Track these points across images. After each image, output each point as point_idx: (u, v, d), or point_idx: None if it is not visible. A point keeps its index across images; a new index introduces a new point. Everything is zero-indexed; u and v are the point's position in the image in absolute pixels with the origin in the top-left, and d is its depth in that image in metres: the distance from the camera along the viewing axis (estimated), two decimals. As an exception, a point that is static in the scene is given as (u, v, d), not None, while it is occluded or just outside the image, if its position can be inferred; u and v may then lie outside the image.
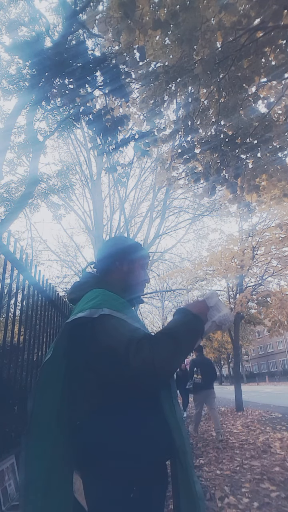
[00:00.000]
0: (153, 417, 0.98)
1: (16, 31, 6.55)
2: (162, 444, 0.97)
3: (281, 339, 38.32)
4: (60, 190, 10.13)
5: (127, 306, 1.06)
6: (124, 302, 1.06)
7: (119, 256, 1.18)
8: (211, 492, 3.01)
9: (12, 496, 2.25)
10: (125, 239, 1.31)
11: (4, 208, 8.53)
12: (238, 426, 6.90)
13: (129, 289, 1.19)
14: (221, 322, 1.10)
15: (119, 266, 1.18)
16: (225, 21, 2.99)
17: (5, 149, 6.03)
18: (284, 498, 2.79)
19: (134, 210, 15.17)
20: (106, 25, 3.12)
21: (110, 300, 1.01)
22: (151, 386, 0.98)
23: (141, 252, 1.23)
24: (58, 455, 0.99)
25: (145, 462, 0.92)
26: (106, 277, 1.18)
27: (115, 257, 1.18)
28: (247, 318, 11.35)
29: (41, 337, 3.61)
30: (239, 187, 3.97)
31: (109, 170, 4.33)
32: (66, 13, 5.06)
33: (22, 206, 6.16)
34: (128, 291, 1.18)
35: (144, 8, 2.94)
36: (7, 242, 2.58)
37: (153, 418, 0.97)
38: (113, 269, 1.18)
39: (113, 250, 1.21)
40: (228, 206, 8.89)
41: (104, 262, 1.20)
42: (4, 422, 2.61)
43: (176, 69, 3.25)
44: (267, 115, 3.66)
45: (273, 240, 8.55)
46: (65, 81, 3.86)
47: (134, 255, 1.20)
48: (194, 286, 11.31)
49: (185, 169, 4.41)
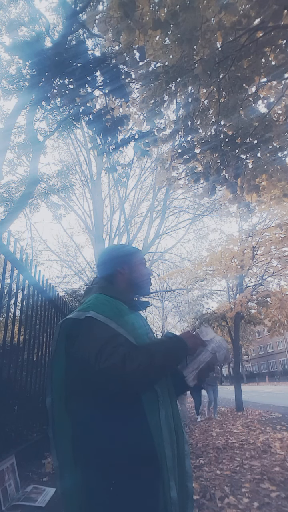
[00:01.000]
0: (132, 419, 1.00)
1: (16, 31, 6.56)
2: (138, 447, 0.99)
3: (281, 339, 38.30)
4: (60, 190, 10.13)
5: (122, 312, 1.11)
6: (118, 308, 1.11)
7: (118, 261, 1.28)
8: (211, 492, 3.01)
9: (12, 496, 2.24)
10: (121, 246, 1.48)
11: (4, 208, 8.53)
12: (238, 426, 6.90)
13: (136, 287, 1.28)
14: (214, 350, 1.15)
15: (121, 270, 1.26)
16: (225, 21, 2.99)
17: (5, 149, 6.04)
18: (284, 498, 2.79)
19: (134, 210, 15.18)
20: (106, 25, 3.12)
21: (99, 304, 1.08)
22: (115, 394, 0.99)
23: (136, 252, 1.35)
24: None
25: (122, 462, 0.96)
26: (112, 282, 1.26)
27: (115, 263, 1.28)
28: (247, 318, 11.33)
29: (41, 337, 3.61)
30: (239, 187, 3.96)
31: (109, 170, 4.33)
32: (66, 13, 5.06)
33: (22, 206, 6.16)
34: (135, 289, 1.28)
35: (144, 8, 2.94)
36: (7, 242, 2.58)
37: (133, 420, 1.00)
38: (116, 274, 1.27)
39: (111, 257, 1.31)
40: (228, 206, 8.90)
41: (106, 269, 1.29)
42: (4, 422, 2.62)
43: (176, 69, 3.25)
44: (267, 115, 3.65)
45: (273, 240, 8.55)
46: (65, 81, 3.86)
47: (131, 257, 1.30)
48: (194, 286, 11.31)
49: (185, 169, 4.41)
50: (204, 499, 2.83)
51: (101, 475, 0.96)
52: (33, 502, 2.21)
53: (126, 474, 0.96)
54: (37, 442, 3.16)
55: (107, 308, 1.08)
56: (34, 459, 3.04)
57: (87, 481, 0.99)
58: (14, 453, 2.49)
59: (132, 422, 1.00)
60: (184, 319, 18.81)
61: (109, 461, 0.96)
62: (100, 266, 1.31)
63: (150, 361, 0.97)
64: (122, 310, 1.12)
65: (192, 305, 17.02)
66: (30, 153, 7.56)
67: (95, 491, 0.97)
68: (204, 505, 2.71)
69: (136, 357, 0.95)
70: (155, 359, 0.98)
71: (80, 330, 1.03)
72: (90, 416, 1.00)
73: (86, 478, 1.00)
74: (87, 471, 1.00)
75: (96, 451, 0.98)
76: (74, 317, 1.05)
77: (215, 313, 12.04)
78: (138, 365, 0.93)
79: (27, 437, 3.10)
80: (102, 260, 1.32)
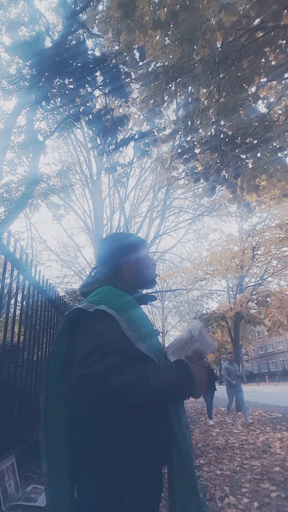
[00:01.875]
0: (155, 420, 0.92)
1: (16, 31, 6.56)
2: (164, 449, 0.93)
3: (281, 339, 38.32)
4: (60, 190, 10.13)
5: (132, 305, 1.02)
6: (130, 301, 1.02)
7: (125, 251, 1.18)
8: (211, 492, 3.01)
9: (12, 496, 2.25)
10: (124, 235, 1.34)
11: (4, 208, 8.53)
12: (238, 426, 6.90)
13: (143, 279, 1.19)
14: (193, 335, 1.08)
15: (128, 260, 1.17)
16: (225, 21, 2.99)
17: (5, 149, 6.03)
18: (284, 498, 2.79)
19: (134, 210, 15.19)
20: (106, 25, 3.12)
21: (112, 298, 0.98)
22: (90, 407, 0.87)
23: (142, 242, 1.26)
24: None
25: (142, 466, 0.88)
26: (118, 273, 1.16)
27: (122, 252, 1.18)
28: (247, 318, 11.35)
29: (41, 337, 3.61)
30: (239, 187, 3.97)
31: (109, 170, 4.33)
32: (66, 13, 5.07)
33: (22, 206, 6.16)
34: (141, 281, 1.19)
35: (144, 8, 2.94)
36: (7, 242, 2.58)
37: (156, 421, 0.92)
38: (122, 264, 1.17)
39: (117, 246, 1.20)
40: (228, 206, 8.89)
41: (112, 259, 1.19)
42: (4, 422, 2.62)
43: (176, 69, 3.25)
44: (267, 115, 3.65)
45: (273, 240, 8.56)
46: (65, 81, 3.86)
47: (137, 247, 1.21)
48: (194, 286, 11.32)
49: (185, 169, 4.41)
50: (204, 499, 2.83)
51: (114, 481, 0.85)
52: (33, 502, 2.21)
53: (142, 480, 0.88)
54: (37, 442, 3.16)
55: (120, 301, 0.97)
56: (34, 459, 3.04)
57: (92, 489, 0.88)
58: (14, 453, 2.49)
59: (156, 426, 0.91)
60: (184, 319, 18.81)
61: (124, 465, 0.85)
62: (104, 256, 1.20)
63: (141, 383, 0.80)
64: (134, 305, 1.02)
65: (192, 305, 17.05)
66: (30, 153, 7.56)
67: (105, 499, 0.85)
68: (204, 505, 2.71)
69: (125, 373, 0.79)
70: (149, 383, 0.81)
71: (84, 322, 0.92)
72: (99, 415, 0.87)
73: (91, 485, 0.88)
74: (91, 477, 0.88)
75: (107, 455, 0.86)
76: (83, 308, 0.93)
77: (215, 313, 12.05)
78: (124, 383, 0.78)
79: (27, 437, 3.10)
80: (107, 249, 1.21)
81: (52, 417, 0.98)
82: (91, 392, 0.80)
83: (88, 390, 0.80)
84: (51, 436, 0.97)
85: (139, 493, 0.87)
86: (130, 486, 0.86)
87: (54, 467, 0.94)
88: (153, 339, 1.01)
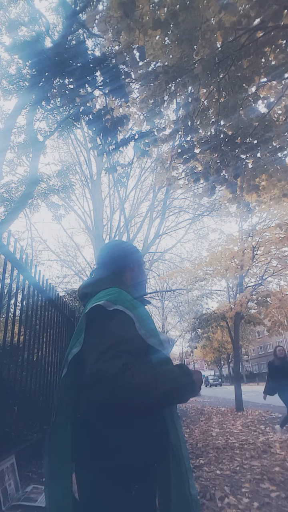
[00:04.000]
0: (150, 417, 0.98)
1: (16, 31, 6.56)
2: (157, 445, 0.98)
3: (281, 339, 38.27)
4: (60, 190, 10.12)
5: (138, 305, 1.08)
6: (136, 302, 1.08)
7: (130, 259, 1.28)
8: (211, 492, 3.01)
9: (12, 496, 2.24)
10: (126, 243, 1.45)
11: (4, 208, 8.52)
12: (238, 426, 6.89)
13: (139, 286, 1.28)
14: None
15: (132, 267, 1.27)
16: (225, 21, 2.99)
17: (5, 149, 6.04)
18: (284, 498, 2.79)
19: (134, 210, 15.19)
20: (106, 25, 3.11)
21: (124, 300, 1.03)
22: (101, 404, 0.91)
23: (140, 253, 1.38)
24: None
25: (139, 461, 0.92)
26: (121, 276, 1.24)
27: (128, 259, 1.28)
28: (247, 318, 11.34)
29: (41, 337, 3.61)
30: (239, 187, 3.97)
31: (109, 170, 4.33)
32: (66, 13, 5.07)
33: (22, 206, 6.16)
34: (138, 288, 1.27)
35: (144, 8, 2.95)
36: (7, 242, 2.58)
37: (150, 418, 0.98)
38: (126, 269, 1.26)
39: (122, 252, 1.30)
40: (228, 206, 8.89)
41: (116, 264, 1.26)
42: (4, 422, 2.61)
43: (176, 69, 3.24)
44: (267, 115, 3.65)
45: (273, 240, 8.55)
46: (65, 81, 3.87)
47: (139, 256, 1.33)
48: (194, 286, 11.32)
49: (185, 169, 4.40)
50: (204, 499, 2.83)
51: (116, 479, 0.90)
52: (33, 502, 2.21)
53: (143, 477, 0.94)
54: (37, 442, 3.16)
55: (129, 303, 1.03)
56: (34, 459, 3.05)
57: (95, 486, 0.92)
58: (14, 453, 2.49)
59: (151, 422, 0.97)
60: (184, 319, 18.81)
61: (126, 463, 0.90)
62: (111, 261, 1.26)
63: (151, 383, 0.85)
64: (140, 305, 1.09)
65: (192, 305, 17.03)
66: (30, 153, 7.55)
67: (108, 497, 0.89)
68: (204, 505, 2.71)
69: (138, 372, 0.85)
70: (157, 385, 0.86)
71: (101, 319, 0.96)
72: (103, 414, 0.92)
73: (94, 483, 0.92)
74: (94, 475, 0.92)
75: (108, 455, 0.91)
76: (103, 305, 0.98)
77: (215, 313, 12.04)
78: (139, 383, 0.84)
79: (27, 437, 3.10)
80: (112, 254, 1.28)
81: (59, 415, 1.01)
82: (106, 387, 0.84)
83: (103, 385, 0.84)
84: (57, 434, 1.00)
85: (139, 491, 0.92)
86: (132, 484, 0.91)
87: (56, 468, 0.97)
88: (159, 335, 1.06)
